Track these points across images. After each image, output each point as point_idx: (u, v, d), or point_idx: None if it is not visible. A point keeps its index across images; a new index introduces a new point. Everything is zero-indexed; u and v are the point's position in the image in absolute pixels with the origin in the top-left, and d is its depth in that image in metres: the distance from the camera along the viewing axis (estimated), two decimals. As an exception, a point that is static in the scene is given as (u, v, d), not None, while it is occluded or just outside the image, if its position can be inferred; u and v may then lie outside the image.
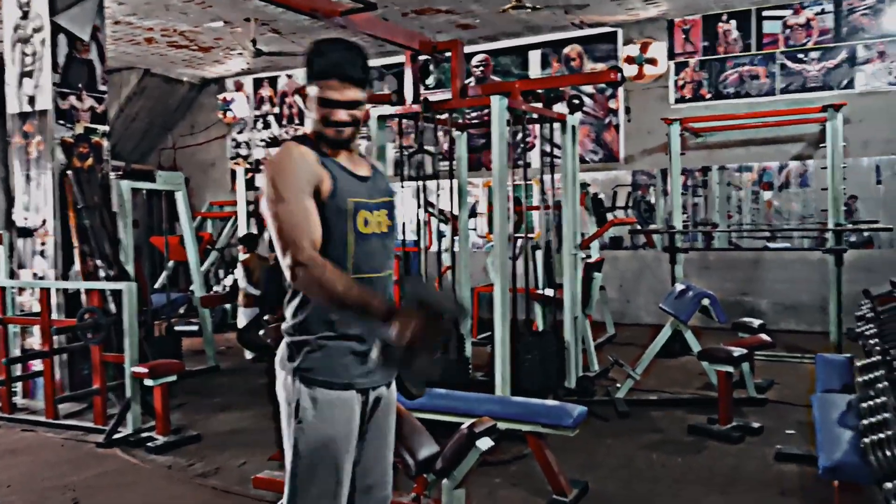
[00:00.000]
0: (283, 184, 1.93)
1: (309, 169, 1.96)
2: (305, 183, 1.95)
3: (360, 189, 2.05)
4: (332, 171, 2.00)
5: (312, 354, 2.01)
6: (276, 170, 1.96)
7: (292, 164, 1.96)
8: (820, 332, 7.58)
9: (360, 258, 2.02)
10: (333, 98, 1.99)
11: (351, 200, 2.00)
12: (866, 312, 3.78)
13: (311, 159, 1.98)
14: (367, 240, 2.04)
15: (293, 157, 1.97)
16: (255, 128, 11.50)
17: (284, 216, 1.91)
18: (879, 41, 7.59)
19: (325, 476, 2.01)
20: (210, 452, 4.59)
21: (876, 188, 7.73)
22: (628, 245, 8.87)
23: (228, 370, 6.99)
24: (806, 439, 4.50)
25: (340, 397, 2.01)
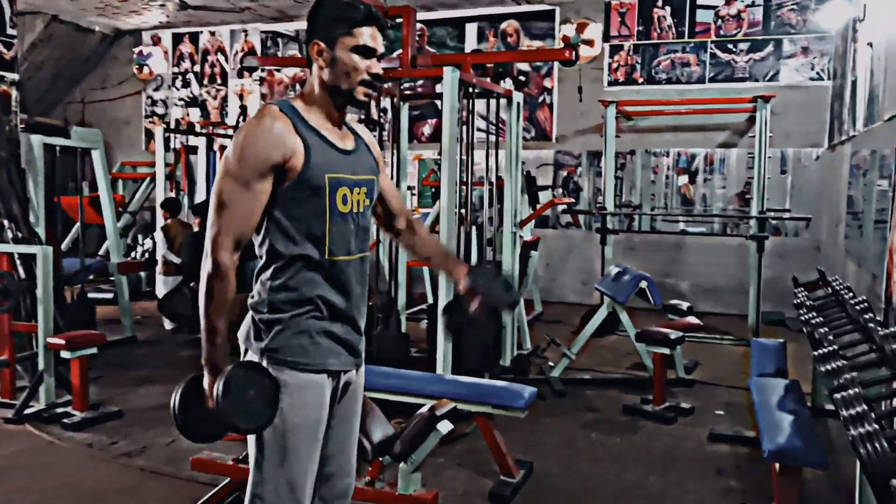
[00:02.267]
0: (242, 159, 1.79)
1: (278, 143, 1.79)
2: (268, 162, 1.79)
3: (341, 163, 1.89)
4: (308, 142, 1.83)
5: (283, 333, 1.86)
6: (241, 140, 1.81)
7: (260, 137, 1.80)
8: (737, 315, 7.90)
9: (335, 239, 1.88)
10: (372, 45, 1.85)
11: (328, 176, 1.85)
12: (804, 300, 3.91)
13: (285, 130, 1.81)
14: (345, 219, 1.90)
15: (264, 128, 1.80)
16: (174, 86, 10.90)
17: (227, 195, 1.79)
18: (804, 37, 7.87)
19: (293, 464, 1.88)
20: (134, 430, 4.33)
21: (780, 178, 8.06)
22: (554, 224, 8.96)
23: (147, 341, 6.63)
24: (735, 420, 4.67)
25: (312, 381, 1.89)
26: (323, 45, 1.85)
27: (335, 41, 1.84)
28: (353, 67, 1.84)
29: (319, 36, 1.86)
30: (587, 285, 8.87)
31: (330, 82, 1.86)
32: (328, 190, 1.85)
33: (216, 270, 1.78)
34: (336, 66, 1.85)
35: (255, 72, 9.14)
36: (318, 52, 1.86)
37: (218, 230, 1.79)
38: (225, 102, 10.59)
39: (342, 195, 1.87)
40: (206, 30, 10.65)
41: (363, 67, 1.85)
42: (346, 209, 1.88)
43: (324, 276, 1.87)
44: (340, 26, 1.84)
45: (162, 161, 8.49)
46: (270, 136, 1.79)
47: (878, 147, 4.86)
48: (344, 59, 1.84)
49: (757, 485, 3.66)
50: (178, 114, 10.83)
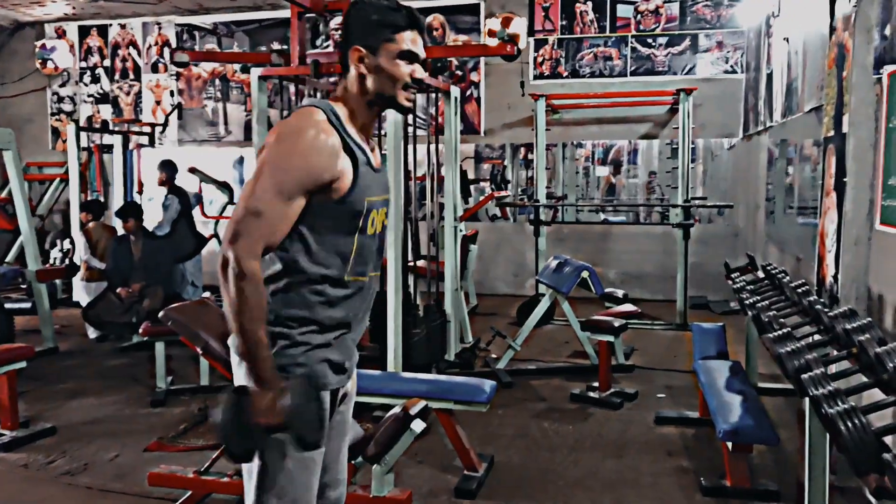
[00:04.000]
0: (291, 170, 1.67)
1: (326, 160, 1.69)
2: (316, 180, 1.69)
3: (375, 184, 1.82)
4: (357, 163, 1.75)
5: (289, 350, 1.77)
6: (289, 148, 1.67)
7: (313, 151, 1.68)
8: (662, 300, 8.19)
9: (357, 260, 1.82)
10: (415, 51, 1.79)
11: (367, 200, 1.77)
12: (745, 284, 4.10)
13: (334, 144, 1.71)
14: (369, 240, 1.84)
15: (314, 140, 1.68)
16: (82, 81, 10.34)
17: (264, 204, 1.65)
18: (718, 32, 8.22)
19: (298, 484, 1.82)
20: (72, 446, 4.10)
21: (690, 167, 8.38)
22: (483, 217, 9.02)
23: (70, 352, 6.28)
24: (676, 402, 4.84)
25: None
26: (365, 51, 1.77)
27: (378, 47, 1.77)
28: (399, 73, 1.78)
29: (360, 42, 1.77)
30: (518, 276, 9.00)
31: (374, 89, 1.79)
32: (365, 213, 1.78)
33: (250, 278, 1.63)
34: (381, 72, 1.77)
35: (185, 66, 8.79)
36: (359, 59, 1.78)
37: (249, 238, 1.64)
38: (139, 98, 10.14)
39: (371, 218, 1.81)
40: (115, 22, 10.15)
41: (407, 73, 1.79)
42: (372, 231, 1.83)
43: (339, 295, 1.81)
44: (383, 32, 1.77)
45: (76, 161, 8.10)
46: (324, 153, 1.69)
47: (799, 137, 5.14)
48: (388, 66, 1.77)
49: (707, 463, 3.81)
50: (89, 111, 10.29)
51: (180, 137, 9.99)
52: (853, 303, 3.39)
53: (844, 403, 1.97)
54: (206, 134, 9.94)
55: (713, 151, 8.45)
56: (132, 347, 6.27)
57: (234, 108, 9.82)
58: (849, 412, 1.88)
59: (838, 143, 3.57)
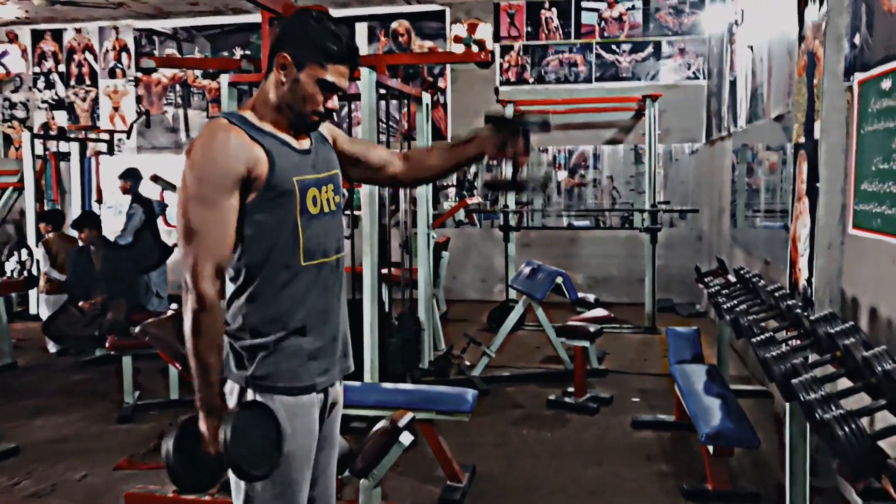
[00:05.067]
0: (203, 178, 1.67)
1: (238, 155, 1.69)
2: (232, 176, 1.69)
3: (303, 164, 1.82)
4: (269, 148, 1.74)
5: (269, 359, 1.77)
6: (198, 159, 1.69)
7: (218, 153, 1.69)
8: (628, 304, 8.27)
9: (311, 242, 1.80)
10: (339, 86, 1.78)
11: (296, 179, 1.77)
12: (720, 287, 4.14)
13: (242, 141, 1.71)
14: (318, 220, 1.82)
15: (219, 143, 1.69)
16: (36, 87, 10.03)
17: (196, 221, 1.67)
18: (681, 39, 8.35)
19: (289, 496, 1.79)
20: (37, 466, 3.95)
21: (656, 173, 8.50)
22: (449, 223, 9.00)
23: (30, 367, 6.07)
24: (651, 406, 4.88)
25: (301, 404, 1.81)
26: (290, 60, 1.75)
27: (304, 65, 1.75)
28: (312, 97, 1.76)
29: (290, 50, 1.75)
30: (487, 282, 9.01)
31: (286, 100, 1.77)
32: (298, 193, 1.77)
33: (202, 303, 1.65)
34: (296, 87, 1.76)
35: (151, 73, 8.59)
36: (281, 66, 1.76)
37: (195, 260, 1.65)
38: (95, 105, 9.87)
39: (311, 197, 1.80)
40: (70, 27, 9.88)
41: (321, 101, 1.77)
42: (316, 210, 1.81)
43: (303, 284, 1.79)
44: (315, 54, 1.74)
45: (31, 169, 7.87)
46: (229, 148, 1.69)
47: (765, 142, 5.24)
48: (307, 87, 1.75)
49: (685, 467, 3.84)
50: (43, 117, 9.99)
51: (139, 144, 9.76)
52: (827, 305, 3.45)
53: (838, 408, 2.00)
54: (166, 141, 9.73)
55: (675, 156, 8.57)
56: (95, 361, 6.09)
57: (195, 114, 9.64)
58: (845, 417, 1.90)
59: (810, 148, 3.64)
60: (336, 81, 1.77)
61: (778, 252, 4.71)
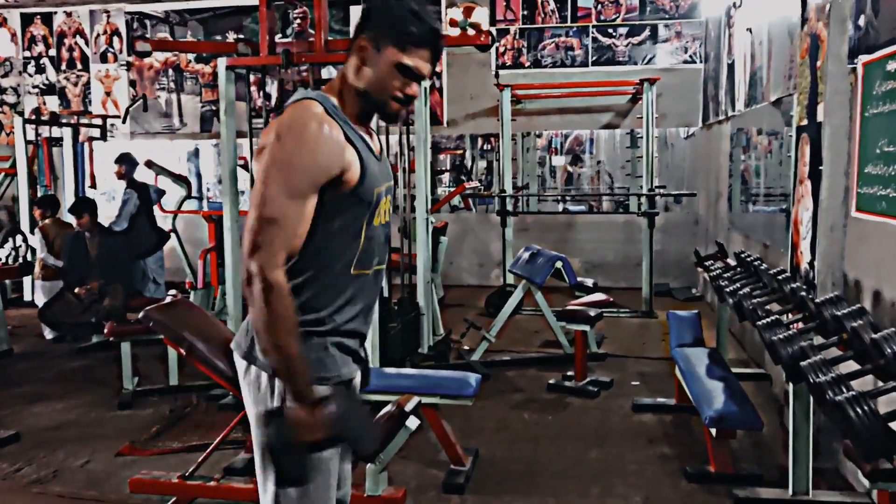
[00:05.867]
0: (297, 170, 1.58)
1: (333, 153, 1.62)
2: (325, 174, 1.61)
3: (381, 173, 1.76)
4: (361, 153, 1.67)
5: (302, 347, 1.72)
6: (292, 146, 1.59)
7: (317, 146, 1.60)
8: (624, 288, 8.29)
9: (365, 253, 1.75)
10: (420, 71, 1.68)
11: (376, 190, 1.71)
12: (721, 271, 4.15)
13: (339, 138, 1.63)
14: (376, 231, 1.77)
15: (317, 135, 1.60)
16: (26, 72, 9.92)
17: (279, 210, 1.58)
18: (677, 22, 8.32)
19: (320, 485, 1.76)
20: (38, 453, 3.94)
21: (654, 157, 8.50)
22: (445, 208, 8.97)
23: (26, 354, 6.04)
24: (651, 389, 4.89)
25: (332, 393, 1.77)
26: (370, 44, 1.68)
27: (384, 48, 1.66)
28: (390, 82, 1.68)
29: (371, 33, 1.67)
30: (484, 267, 9.01)
31: (365, 86, 1.69)
32: (374, 205, 1.72)
33: (277, 291, 1.57)
34: (374, 72, 1.68)
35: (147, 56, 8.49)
36: (360, 48, 1.69)
37: (270, 249, 1.57)
38: (87, 89, 9.77)
39: (381, 208, 1.76)
40: (60, 10, 9.75)
41: (399, 86, 1.68)
42: (378, 221, 1.76)
43: (345, 290, 1.74)
44: (396, 36, 1.66)
45: (24, 155, 7.79)
46: (330, 145, 1.61)
47: (765, 126, 5.23)
48: (385, 72, 1.67)
49: (687, 449, 3.86)
50: (34, 102, 9.88)
51: (132, 130, 9.67)
52: (830, 288, 3.46)
53: (849, 390, 2.00)
54: (159, 126, 9.65)
55: (670, 141, 8.56)
56: (91, 348, 6.06)
57: (188, 98, 9.55)
58: (857, 398, 1.91)
59: (812, 132, 3.63)
60: (415, 67, 1.67)
61: (777, 235, 4.72)
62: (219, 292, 6.15)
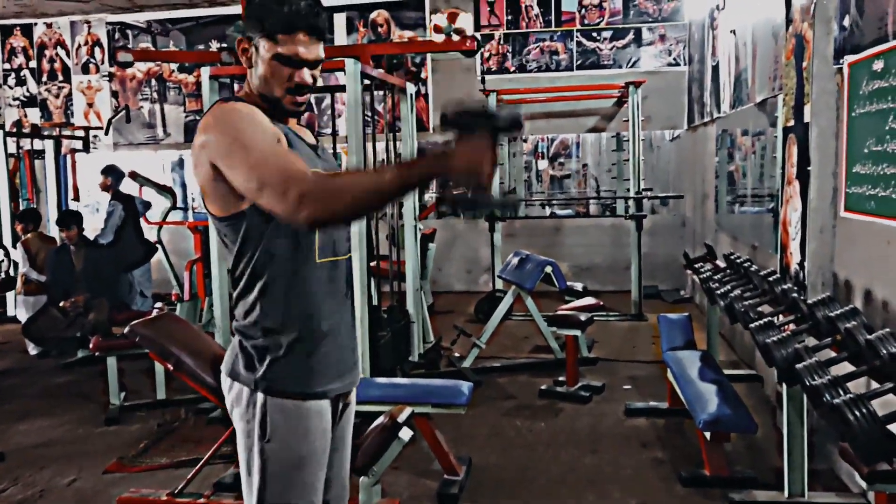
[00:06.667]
0: (249, 129, 1.54)
1: (268, 123, 1.60)
2: (273, 134, 1.58)
3: (316, 159, 1.73)
4: (285, 132, 1.65)
5: (280, 361, 1.69)
6: (232, 117, 1.56)
7: (252, 113, 1.58)
8: (613, 291, 8.28)
9: (324, 239, 1.72)
10: (301, 56, 1.60)
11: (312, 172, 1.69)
12: (711, 273, 4.14)
13: (264, 116, 1.62)
14: None
15: (248, 109, 1.59)
16: (6, 84, 9.81)
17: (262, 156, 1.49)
18: (661, 25, 8.35)
19: (304, 499, 1.73)
20: (24, 472, 3.86)
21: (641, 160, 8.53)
22: (432, 215, 8.94)
23: (10, 370, 5.94)
24: (642, 393, 4.88)
25: (315, 407, 1.73)
26: (248, 43, 1.65)
27: (259, 44, 1.63)
28: (276, 75, 1.63)
29: (248, 32, 1.65)
30: (472, 273, 8.98)
31: (256, 86, 1.67)
32: None
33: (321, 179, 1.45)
34: (259, 70, 1.64)
35: (129, 66, 8.41)
36: (242, 51, 1.67)
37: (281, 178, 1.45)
38: (69, 101, 9.68)
39: None
40: (40, 21, 9.66)
41: (285, 75, 1.63)
42: None
43: (317, 283, 1.71)
44: (261, 27, 1.60)
45: (4, 168, 7.67)
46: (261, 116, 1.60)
47: (750, 127, 5.24)
48: (265, 66, 1.63)
49: (681, 453, 3.84)
50: (15, 115, 9.77)
51: (116, 141, 9.58)
52: (820, 289, 3.46)
53: (846, 392, 1.99)
54: (142, 137, 9.57)
55: (655, 143, 8.58)
56: (77, 363, 5.97)
57: (172, 109, 9.48)
58: (855, 401, 1.89)
59: (800, 132, 3.64)
60: (293, 53, 1.60)
61: (765, 237, 4.72)
62: (206, 304, 6.09)
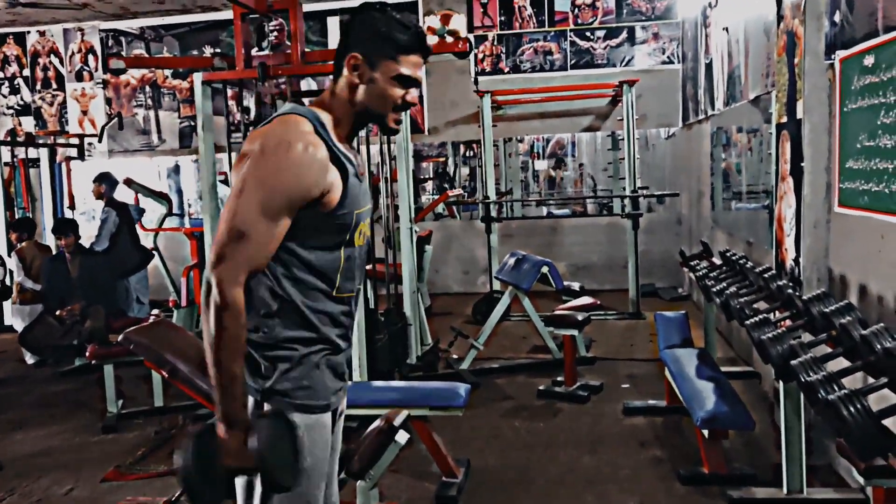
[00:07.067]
0: (277, 187, 1.55)
1: (318, 175, 1.59)
2: (304, 196, 1.58)
3: (363, 196, 1.73)
4: (345, 174, 1.64)
5: (291, 373, 1.68)
6: (274, 163, 1.55)
7: (301, 166, 1.56)
8: (610, 290, 8.28)
9: (344, 276, 1.72)
10: (416, 76, 1.69)
11: (356, 212, 1.69)
12: (707, 271, 4.14)
13: (323, 158, 1.60)
14: (356, 253, 1.75)
15: (303, 154, 1.57)
16: (0, 92, 9.79)
17: (249, 224, 1.54)
18: (654, 23, 8.35)
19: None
20: (21, 482, 3.85)
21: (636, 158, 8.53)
22: (428, 216, 8.92)
23: (7, 379, 5.93)
24: (641, 391, 4.87)
25: (319, 420, 1.73)
26: (362, 59, 1.66)
27: (378, 62, 1.66)
28: (391, 94, 1.67)
29: (360, 49, 1.66)
30: (469, 274, 8.97)
31: (363, 102, 1.68)
32: (353, 228, 1.69)
33: (231, 308, 1.53)
34: (373, 87, 1.67)
35: (122, 74, 8.39)
36: (353, 66, 1.67)
37: (234, 264, 1.54)
38: (63, 109, 9.66)
39: (359, 231, 1.73)
40: (33, 29, 9.64)
41: (400, 95, 1.68)
42: (358, 243, 1.74)
43: (330, 311, 1.72)
44: (388, 49, 1.65)
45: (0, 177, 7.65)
46: (314, 168, 1.58)
47: (745, 124, 5.24)
48: (383, 84, 1.66)
49: (679, 451, 3.84)
50: (9, 124, 9.75)
51: (111, 148, 9.57)
52: (815, 284, 3.46)
53: (840, 388, 1.98)
54: (137, 143, 9.56)
55: (651, 141, 8.58)
56: (74, 371, 5.96)
57: (166, 115, 9.47)
58: (849, 397, 1.89)
59: (792, 128, 3.64)
60: (412, 73, 1.68)
61: (760, 233, 4.72)
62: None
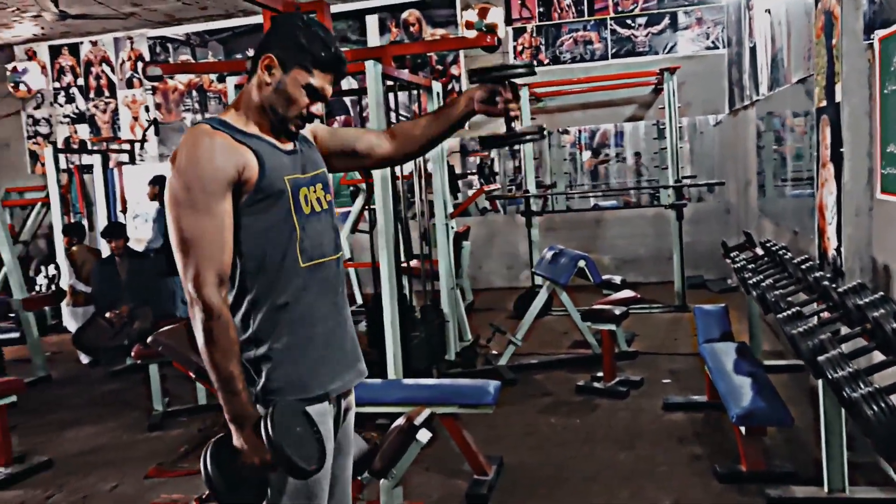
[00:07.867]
0: (192, 184, 1.62)
1: (227, 158, 1.65)
2: (222, 180, 1.64)
3: (292, 164, 1.78)
4: (256, 148, 1.70)
5: (277, 371, 1.71)
6: (184, 166, 1.64)
7: (206, 156, 1.64)
8: (656, 283, 8.11)
9: (307, 243, 1.75)
10: (324, 92, 1.76)
11: (286, 178, 1.73)
12: (746, 262, 4.02)
13: (227, 143, 1.67)
14: (312, 219, 1.78)
15: (205, 147, 1.65)
16: (57, 102, 10.17)
17: (191, 229, 1.62)
18: (697, 8, 8.13)
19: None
20: (69, 479, 3.99)
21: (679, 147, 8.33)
22: (473, 211, 8.91)
23: (63, 379, 6.16)
24: (682, 386, 4.76)
25: (317, 410, 1.74)
26: (276, 62, 1.72)
27: (291, 68, 1.72)
28: (296, 101, 1.73)
29: (276, 52, 1.73)
30: (513, 269, 8.92)
31: (268, 100, 1.74)
32: (290, 192, 1.73)
33: (209, 312, 1.60)
34: (281, 90, 1.73)
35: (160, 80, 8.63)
36: (266, 67, 1.73)
37: (195, 270, 1.61)
38: (115, 116, 9.97)
39: (303, 196, 1.77)
40: (86, 40, 9.97)
41: (305, 104, 1.74)
42: (308, 209, 1.77)
43: (305, 287, 1.74)
44: (302, 57, 1.72)
45: (55, 184, 7.93)
46: (215, 152, 1.65)
47: (788, 109, 5.05)
48: (292, 89, 1.73)
49: (718, 448, 3.73)
50: (66, 132, 10.12)
51: (161, 152, 9.84)
52: (858, 275, 3.32)
53: (867, 385, 1.89)
54: (186, 147, 9.78)
55: (699, 129, 8.38)
56: (125, 371, 6.15)
57: (213, 118, 9.67)
58: (873, 395, 1.80)
59: (832, 113, 3.49)
60: (321, 88, 1.74)
61: (806, 222, 4.55)
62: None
